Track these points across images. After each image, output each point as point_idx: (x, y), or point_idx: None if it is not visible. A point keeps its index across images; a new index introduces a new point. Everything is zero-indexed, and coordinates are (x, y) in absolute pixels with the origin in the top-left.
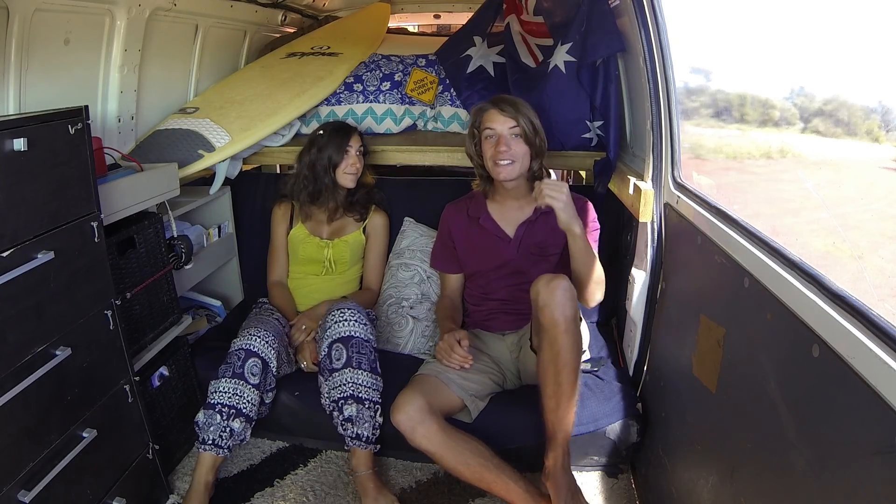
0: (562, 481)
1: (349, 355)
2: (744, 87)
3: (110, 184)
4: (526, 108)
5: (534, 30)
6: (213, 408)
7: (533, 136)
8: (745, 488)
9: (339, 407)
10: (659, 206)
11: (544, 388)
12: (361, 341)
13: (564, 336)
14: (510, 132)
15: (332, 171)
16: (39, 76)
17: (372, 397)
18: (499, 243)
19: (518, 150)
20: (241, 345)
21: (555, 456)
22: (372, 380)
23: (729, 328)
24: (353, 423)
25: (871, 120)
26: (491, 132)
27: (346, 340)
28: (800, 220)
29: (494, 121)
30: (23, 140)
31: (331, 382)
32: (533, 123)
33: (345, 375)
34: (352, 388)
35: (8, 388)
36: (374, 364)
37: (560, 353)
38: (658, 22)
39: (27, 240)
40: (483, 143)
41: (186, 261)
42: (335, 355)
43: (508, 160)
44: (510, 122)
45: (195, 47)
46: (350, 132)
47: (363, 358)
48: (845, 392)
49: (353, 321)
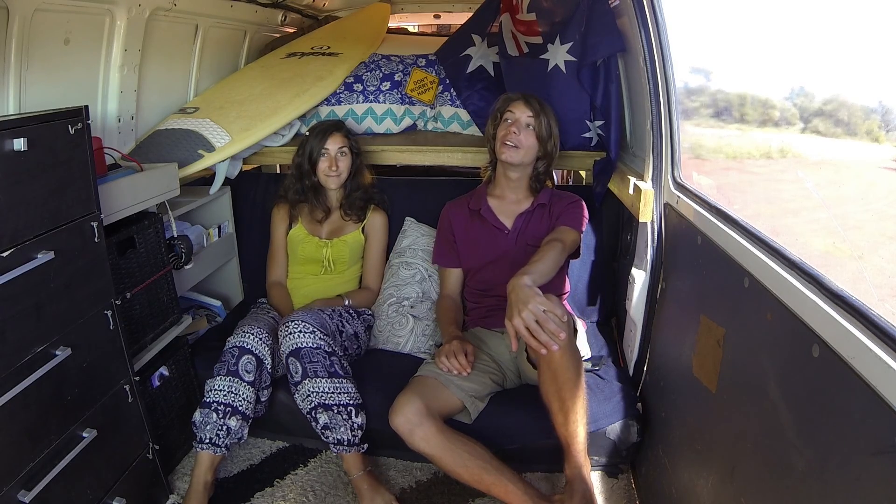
0: (577, 489)
1: (303, 367)
2: (744, 87)
3: (110, 184)
4: (551, 112)
5: (525, 30)
6: (210, 406)
7: (546, 136)
8: (745, 488)
9: (314, 417)
10: (659, 206)
11: (550, 406)
12: (311, 350)
13: (559, 354)
14: (526, 121)
15: (314, 172)
16: (39, 76)
17: (339, 401)
18: (497, 235)
19: (526, 141)
20: (235, 342)
21: (570, 467)
22: (333, 384)
23: (729, 328)
24: (330, 429)
25: (871, 120)
26: (510, 116)
27: (297, 353)
28: (800, 220)
29: (517, 108)
30: (23, 140)
31: (298, 395)
32: (551, 127)
33: (306, 387)
34: (317, 398)
35: (8, 388)
36: (332, 368)
37: (558, 372)
38: (658, 22)
39: (27, 240)
40: (500, 125)
41: (186, 261)
42: (293, 369)
43: (514, 144)
44: (529, 112)
45: (195, 47)
46: (328, 133)
47: (317, 366)
48: (845, 392)
49: (297, 332)
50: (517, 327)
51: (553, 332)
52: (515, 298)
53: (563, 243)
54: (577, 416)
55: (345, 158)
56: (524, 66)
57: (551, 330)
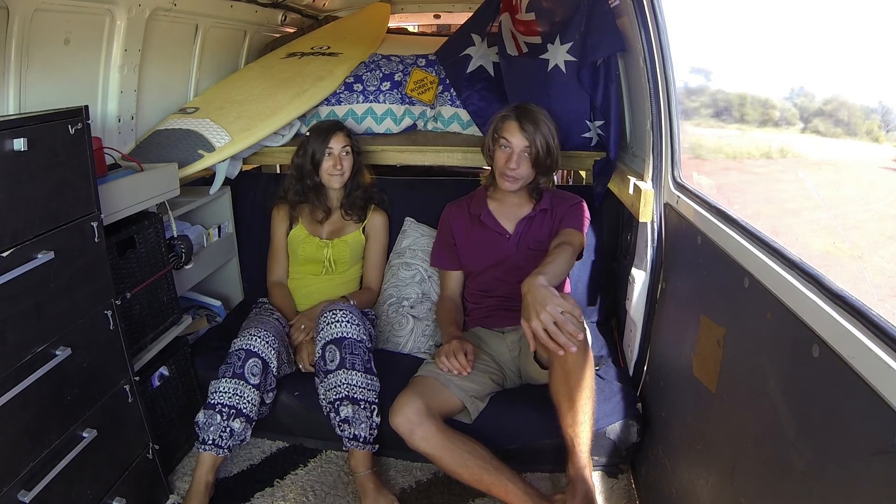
0: (579, 489)
1: (342, 356)
2: (744, 87)
3: (110, 184)
4: (546, 125)
5: (524, 30)
6: (214, 408)
7: (544, 158)
8: (745, 488)
9: (335, 408)
10: (659, 206)
11: (559, 406)
12: (354, 342)
13: (574, 355)
14: (522, 151)
15: (316, 172)
16: (39, 76)
17: (367, 398)
18: (499, 239)
19: (524, 171)
20: (242, 345)
21: (574, 467)
22: (366, 380)
23: (729, 328)
24: (350, 423)
25: (871, 120)
26: (506, 144)
27: (339, 342)
28: (800, 220)
29: (513, 135)
30: (23, 140)
31: (326, 384)
32: (548, 144)
33: (339, 377)
34: (347, 390)
35: (8, 388)
36: (369, 364)
37: (572, 373)
38: (658, 22)
39: (27, 240)
40: (497, 149)
41: (186, 261)
42: (329, 357)
43: (513, 178)
44: (525, 142)
45: (195, 47)
46: (330, 133)
47: (356, 359)
48: (845, 392)
49: (345, 322)
50: (535, 329)
51: (572, 334)
52: (533, 300)
53: (571, 246)
54: (585, 417)
55: (348, 158)
56: (524, 66)
57: (570, 331)
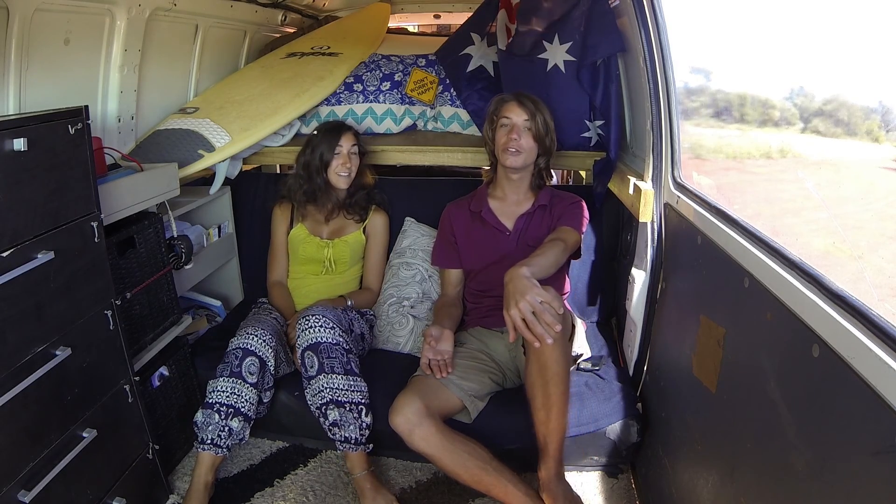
0: (558, 492)
1: (320, 361)
2: (744, 87)
3: (110, 184)
4: (544, 108)
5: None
6: (212, 407)
7: (543, 135)
8: (745, 488)
9: (322, 413)
10: (659, 206)
11: (533, 400)
12: (330, 345)
13: (551, 348)
14: (524, 124)
15: (325, 171)
16: (39, 76)
17: (352, 399)
18: (499, 237)
19: (526, 144)
20: (239, 344)
21: (547, 468)
22: (348, 382)
23: (729, 328)
24: (339, 426)
25: (871, 120)
26: (507, 121)
27: (315, 347)
28: (800, 220)
29: (512, 111)
30: (23, 140)
31: (310, 390)
32: (547, 124)
33: (320, 382)
34: (330, 394)
35: (8, 388)
36: (349, 366)
37: (547, 365)
38: (658, 22)
39: (27, 240)
40: (497, 130)
41: (186, 261)
42: (308, 363)
43: (516, 150)
44: (525, 115)
45: (195, 47)
46: (341, 132)
47: (334, 362)
48: (845, 392)
49: (318, 327)
50: (513, 318)
51: (549, 324)
52: (513, 289)
53: (564, 243)
54: (559, 415)
55: (356, 157)
56: (523, 65)
57: (547, 321)
